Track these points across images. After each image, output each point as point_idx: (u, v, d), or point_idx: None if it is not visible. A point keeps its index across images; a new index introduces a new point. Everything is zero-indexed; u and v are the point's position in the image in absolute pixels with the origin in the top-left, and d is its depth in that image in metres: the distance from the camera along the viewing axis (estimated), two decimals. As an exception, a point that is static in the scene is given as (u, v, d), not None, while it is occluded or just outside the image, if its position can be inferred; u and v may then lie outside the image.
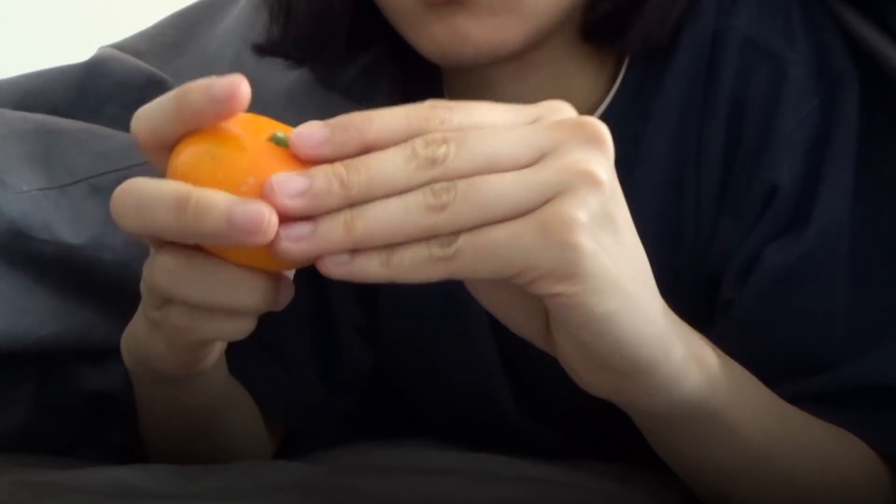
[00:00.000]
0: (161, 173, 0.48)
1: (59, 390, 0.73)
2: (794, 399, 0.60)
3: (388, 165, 0.43)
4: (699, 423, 0.53)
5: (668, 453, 0.58)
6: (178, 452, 0.66)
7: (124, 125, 0.78)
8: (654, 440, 0.57)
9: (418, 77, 0.72)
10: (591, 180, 0.44)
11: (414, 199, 0.43)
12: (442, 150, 0.43)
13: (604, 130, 0.45)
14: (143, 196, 0.45)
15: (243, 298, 0.47)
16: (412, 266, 0.43)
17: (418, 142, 0.43)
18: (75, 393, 0.73)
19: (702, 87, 0.66)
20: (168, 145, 0.47)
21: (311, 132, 0.44)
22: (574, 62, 0.68)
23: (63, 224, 0.69)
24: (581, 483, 0.64)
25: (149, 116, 0.47)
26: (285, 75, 0.74)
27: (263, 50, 0.71)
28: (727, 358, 0.55)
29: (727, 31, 0.66)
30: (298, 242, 0.43)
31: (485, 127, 0.44)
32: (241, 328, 0.49)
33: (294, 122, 0.47)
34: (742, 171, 0.65)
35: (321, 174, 0.43)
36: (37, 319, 0.69)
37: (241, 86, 0.44)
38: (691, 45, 0.67)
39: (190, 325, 0.48)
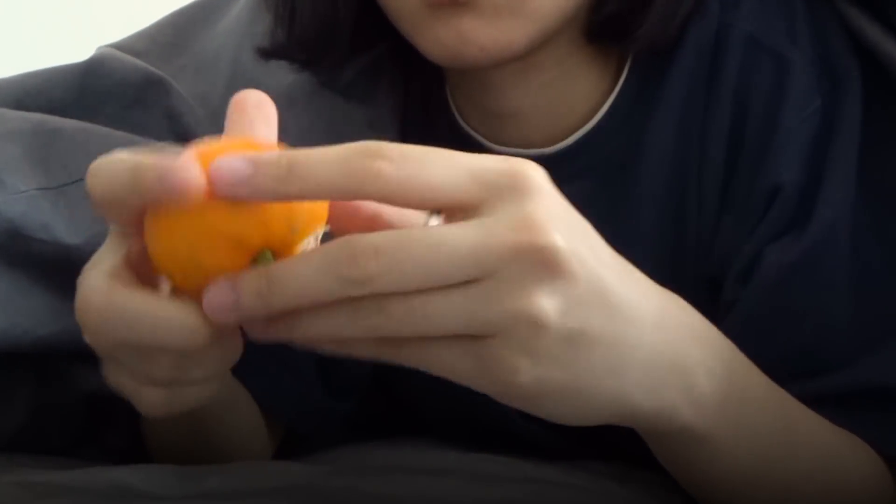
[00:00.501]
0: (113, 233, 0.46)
1: (58, 391, 0.73)
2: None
3: (311, 287, 0.41)
4: (685, 446, 0.53)
5: (664, 463, 0.58)
6: (178, 451, 0.66)
7: (123, 125, 0.79)
8: (652, 449, 0.57)
9: (419, 77, 0.72)
10: (536, 324, 0.42)
11: (342, 321, 0.42)
12: (371, 266, 0.40)
13: (560, 255, 0.42)
14: (136, 316, 0.43)
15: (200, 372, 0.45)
16: (370, 356, 0.44)
17: (344, 257, 0.40)
18: (74, 393, 0.73)
19: (705, 86, 0.66)
20: (123, 211, 0.44)
21: (230, 168, 0.41)
22: (578, 63, 0.68)
23: (61, 224, 0.69)
24: (581, 483, 0.64)
25: (106, 180, 0.44)
26: (285, 75, 0.74)
27: (267, 53, 0.71)
28: (733, 365, 0.53)
29: (731, 29, 0.66)
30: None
31: (431, 182, 0.41)
32: (196, 395, 0.47)
33: (295, 124, 0.47)
34: (744, 171, 0.65)
35: (245, 291, 0.41)
36: (35, 320, 0.69)
37: (193, 173, 0.41)
38: (695, 43, 0.66)
39: (134, 391, 0.48)
